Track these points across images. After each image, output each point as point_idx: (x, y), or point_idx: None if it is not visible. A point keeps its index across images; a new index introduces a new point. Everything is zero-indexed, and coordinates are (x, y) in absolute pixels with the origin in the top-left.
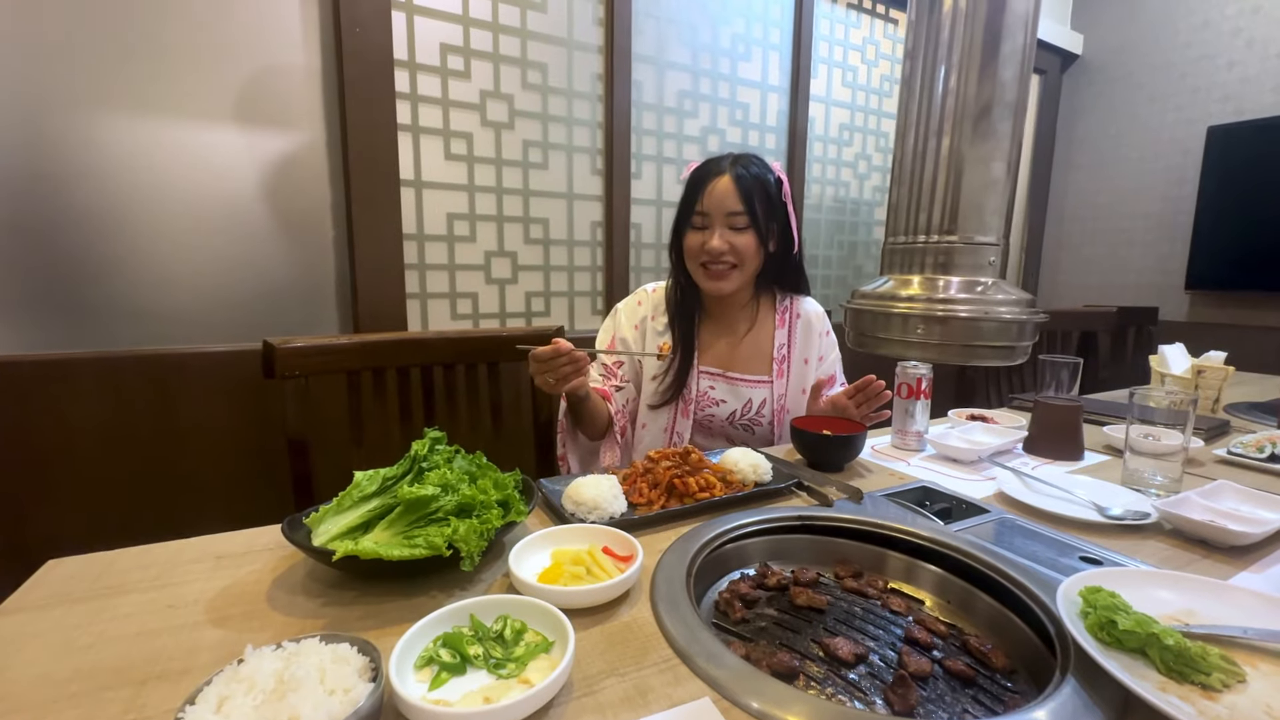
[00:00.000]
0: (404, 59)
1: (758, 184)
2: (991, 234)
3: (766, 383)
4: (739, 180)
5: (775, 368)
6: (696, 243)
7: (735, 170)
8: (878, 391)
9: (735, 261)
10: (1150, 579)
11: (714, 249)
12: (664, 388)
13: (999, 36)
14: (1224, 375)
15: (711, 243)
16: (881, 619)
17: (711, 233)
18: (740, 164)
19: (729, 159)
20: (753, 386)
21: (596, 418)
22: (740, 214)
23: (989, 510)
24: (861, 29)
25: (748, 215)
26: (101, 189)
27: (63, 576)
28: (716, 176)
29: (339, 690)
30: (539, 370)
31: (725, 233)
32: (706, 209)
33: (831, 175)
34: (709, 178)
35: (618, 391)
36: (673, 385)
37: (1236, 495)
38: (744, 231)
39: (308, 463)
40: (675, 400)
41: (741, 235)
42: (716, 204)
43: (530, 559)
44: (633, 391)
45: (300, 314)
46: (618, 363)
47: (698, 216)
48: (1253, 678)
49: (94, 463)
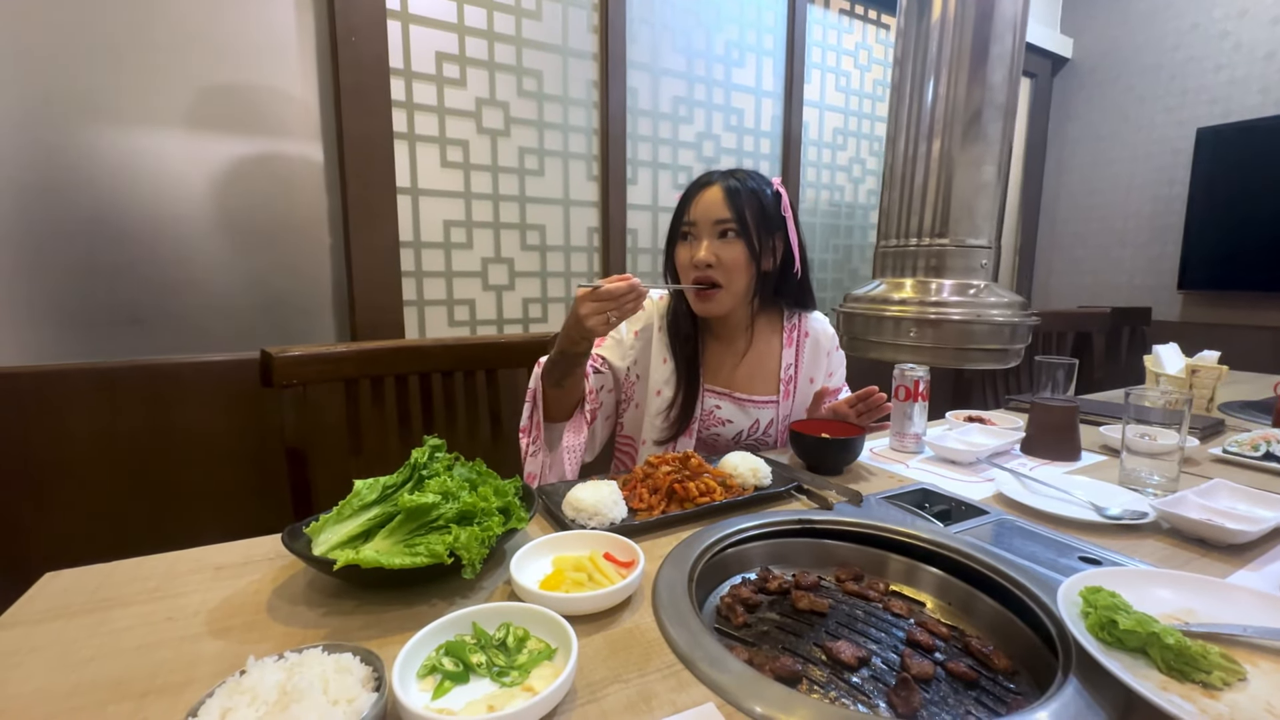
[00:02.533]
0: (400, 67)
1: (750, 195)
2: (983, 237)
3: (773, 403)
4: (728, 190)
5: (782, 388)
6: (685, 255)
7: (726, 181)
8: (879, 404)
9: (721, 280)
10: (1149, 578)
11: (700, 259)
12: (671, 421)
13: (988, 40)
14: (1218, 375)
15: (699, 254)
16: (883, 622)
17: (699, 243)
18: (733, 176)
19: (722, 172)
20: (760, 407)
21: (573, 398)
22: (728, 221)
23: (988, 511)
24: (854, 34)
25: (736, 223)
26: (98, 198)
27: (60, 589)
28: (705, 187)
29: (342, 700)
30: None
31: (713, 243)
32: (694, 218)
33: (826, 180)
34: (699, 188)
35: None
36: (680, 418)
37: (1233, 494)
38: (732, 242)
39: (306, 472)
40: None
41: (730, 247)
42: (704, 213)
43: (531, 566)
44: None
45: (297, 322)
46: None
47: (686, 226)
48: (1253, 676)
49: (91, 474)
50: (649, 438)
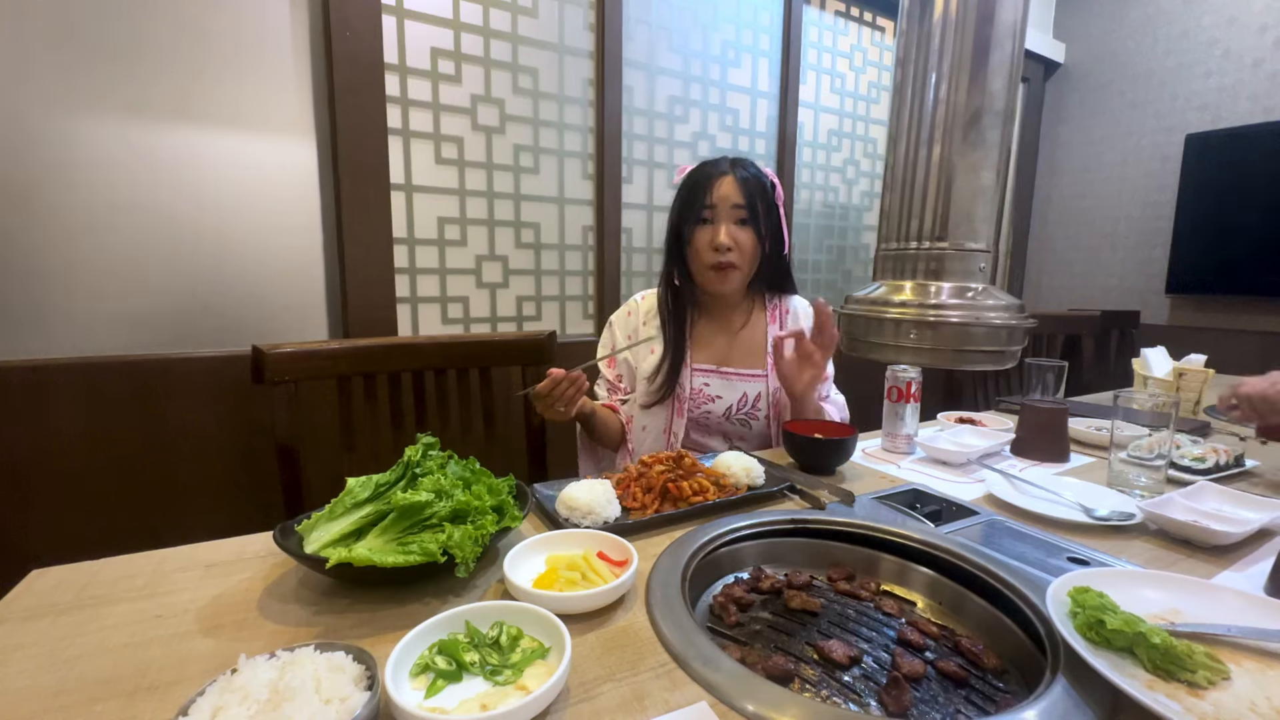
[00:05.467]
0: (394, 63)
1: (757, 183)
2: (981, 241)
3: (761, 376)
4: (741, 179)
5: (770, 361)
6: (705, 238)
7: (736, 170)
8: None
9: (737, 261)
10: (1136, 579)
11: (722, 242)
12: (656, 386)
13: (988, 46)
14: (1204, 378)
15: (720, 237)
16: (874, 621)
17: (719, 226)
18: (739, 165)
19: (727, 161)
20: (747, 380)
21: (610, 430)
22: (743, 208)
23: (978, 512)
24: (849, 36)
25: (749, 211)
26: (88, 193)
27: (47, 587)
28: (720, 175)
29: (335, 699)
30: (546, 405)
31: (731, 228)
32: (714, 202)
33: (820, 180)
34: (714, 176)
35: (624, 404)
36: (665, 384)
37: (1218, 496)
38: (746, 226)
39: (297, 469)
40: (669, 399)
41: (744, 230)
42: (723, 198)
43: (525, 564)
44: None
45: (289, 319)
46: (619, 376)
47: (706, 210)
48: (1236, 675)
49: (77, 470)
50: (638, 402)
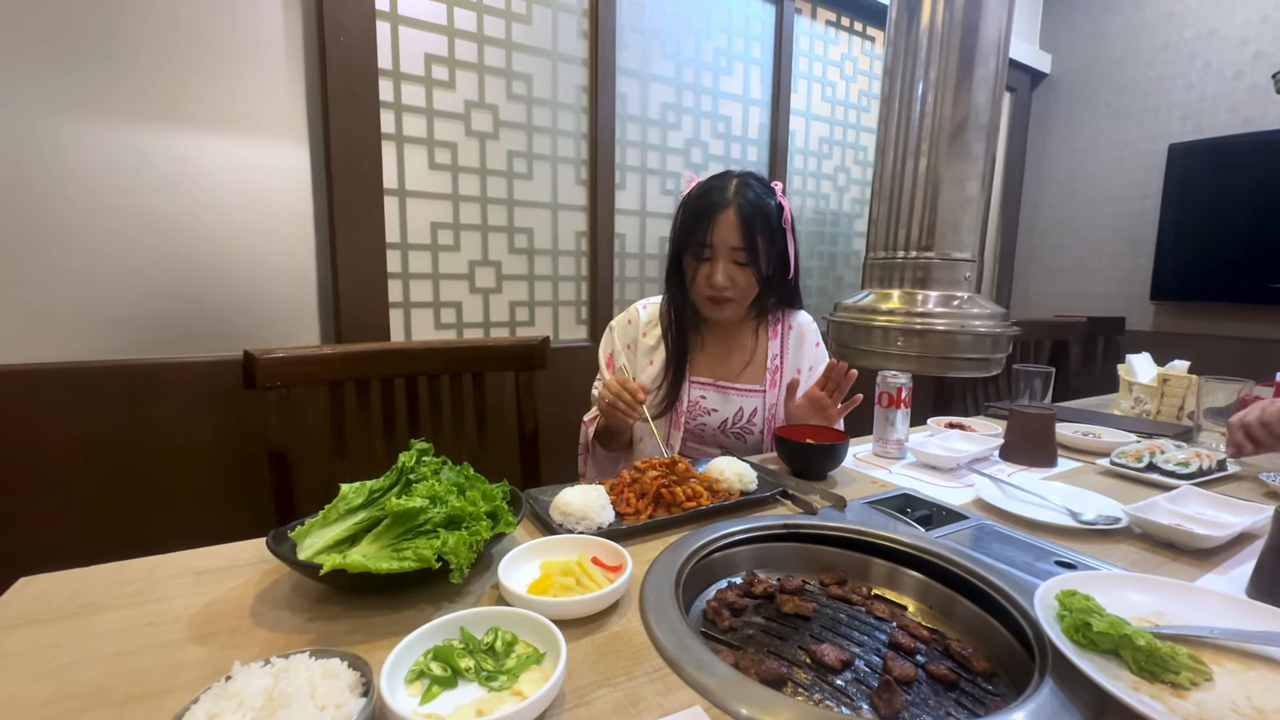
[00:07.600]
0: (388, 68)
1: (759, 215)
2: (967, 250)
3: (759, 392)
4: (742, 213)
5: (769, 378)
6: (702, 275)
7: (739, 201)
8: (843, 372)
9: (734, 296)
10: (1122, 582)
11: (718, 284)
12: (657, 400)
13: (972, 60)
14: (1188, 384)
15: (716, 278)
16: (866, 625)
17: (715, 265)
18: (743, 192)
19: (734, 185)
20: (744, 395)
21: (624, 433)
22: (741, 250)
23: (968, 516)
24: (840, 45)
25: (747, 253)
26: (79, 196)
27: (36, 594)
28: (722, 210)
29: (330, 706)
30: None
31: (728, 267)
32: (712, 241)
33: (811, 187)
34: (715, 211)
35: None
36: (666, 398)
37: (1202, 500)
38: (744, 267)
39: (289, 475)
40: (669, 413)
41: (743, 270)
42: (721, 239)
43: (519, 570)
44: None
45: (282, 323)
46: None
47: (705, 249)
48: (1219, 675)
49: (66, 476)
50: None
